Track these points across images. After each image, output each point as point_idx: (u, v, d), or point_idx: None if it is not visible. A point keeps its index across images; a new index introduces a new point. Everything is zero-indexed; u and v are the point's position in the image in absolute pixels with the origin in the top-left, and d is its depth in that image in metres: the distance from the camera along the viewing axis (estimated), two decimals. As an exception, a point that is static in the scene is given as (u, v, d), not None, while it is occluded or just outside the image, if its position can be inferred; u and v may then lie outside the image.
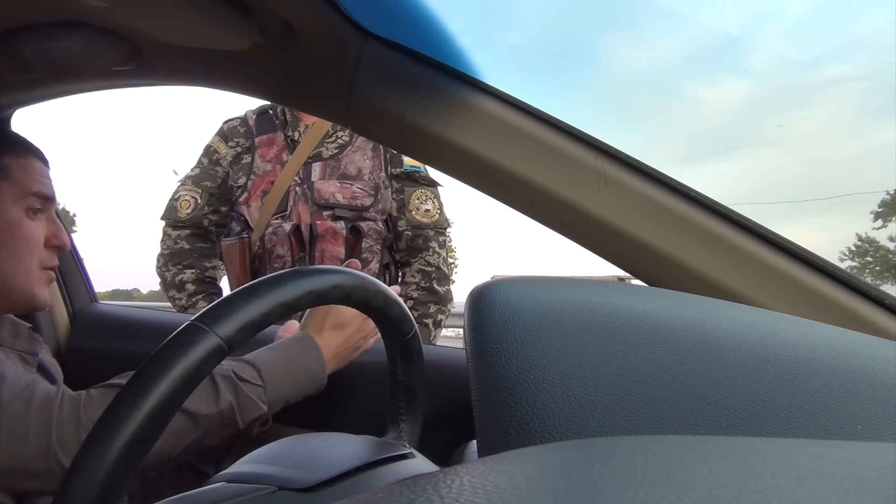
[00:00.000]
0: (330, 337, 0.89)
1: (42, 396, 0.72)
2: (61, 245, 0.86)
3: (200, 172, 1.59)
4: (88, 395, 0.74)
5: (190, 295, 1.57)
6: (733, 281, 0.59)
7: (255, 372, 0.81)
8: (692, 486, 0.17)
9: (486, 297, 0.35)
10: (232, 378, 0.78)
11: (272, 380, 0.81)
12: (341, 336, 0.89)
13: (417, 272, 1.55)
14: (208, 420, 0.75)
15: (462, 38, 0.65)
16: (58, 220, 0.87)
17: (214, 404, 0.76)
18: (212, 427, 0.76)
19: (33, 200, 0.83)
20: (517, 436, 0.30)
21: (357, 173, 1.52)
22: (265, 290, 0.45)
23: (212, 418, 0.75)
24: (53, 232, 0.85)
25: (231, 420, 0.77)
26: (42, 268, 0.84)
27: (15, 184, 0.82)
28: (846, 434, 0.31)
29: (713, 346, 0.34)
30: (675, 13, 0.89)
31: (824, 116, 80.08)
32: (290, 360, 0.85)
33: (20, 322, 0.86)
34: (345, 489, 0.48)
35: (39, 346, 0.87)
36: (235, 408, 0.77)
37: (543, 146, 0.63)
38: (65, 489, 0.37)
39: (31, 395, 0.71)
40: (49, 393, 0.72)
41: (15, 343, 0.83)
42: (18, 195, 0.82)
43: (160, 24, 0.65)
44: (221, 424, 0.76)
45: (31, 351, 0.85)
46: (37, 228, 0.83)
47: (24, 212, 0.82)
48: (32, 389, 0.72)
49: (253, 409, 0.79)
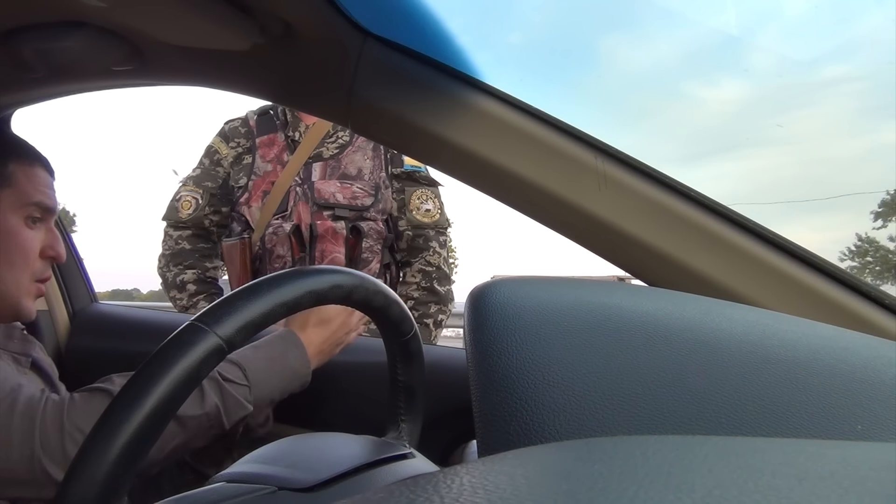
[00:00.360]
0: (314, 334, 0.89)
1: (25, 402, 0.71)
2: (57, 256, 0.85)
3: (201, 173, 1.59)
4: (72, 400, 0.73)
5: (191, 295, 1.57)
6: (733, 281, 0.59)
7: (241, 372, 0.80)
8: (692, 486, 0.17)
9: (486, 297, 0.35)
10: (217, 379, 0.78)
11: (257, 379, 0.81)
12: (325, 332, 0.90)
13: (418, 272, 1.55)
14: (195, 422, 0.75)
15: (462, 38, 0.65)
16: (56, 231, 0.86)
17: (200, 406, 0.75)
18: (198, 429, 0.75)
19: (33, 210, 0.82)
20: (517, 436, 0.30)
21: (357, 173, 1.52)
22: (265, 290, 0.45)
23: (198, 420, 0.75)
24: (50, 242, 0.84)
25: (217, 421, 0.77)
26: (34, 280, 0.83)
27: (17, 192, 0.81)
28: (846, 434, 0.31)
29: (713, 346, 0.34)
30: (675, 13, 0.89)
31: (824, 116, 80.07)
32: (274, 359, 0.84)
33: (15, 324, 0.86)
34: (345, 489, 0.48)
35: (33, 347, 0.87)
36: (221, 409, 0.77)
37: (543, 146, 0.63)
38: (65, 489, 0.37)
39: (15, 401, 0.71)
40: (32, 398, 0.72)
41: (8, 344, 0.83)
42: (19, 203, 0.81)
43: (160, 24, 0.65)
44: (208, 426, 0.76)
45: (24, 352, 0.84)
46: (34, 238, 0.83)
47: (24, 220, 0.82)
48: (16, 395, 0.71)
49: (238, 409, 0.79)
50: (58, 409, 0.71)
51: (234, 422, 0.78)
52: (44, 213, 0.84)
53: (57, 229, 0.87)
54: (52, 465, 0.69)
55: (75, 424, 0.70)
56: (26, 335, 0.87)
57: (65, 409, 0.72)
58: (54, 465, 0.69)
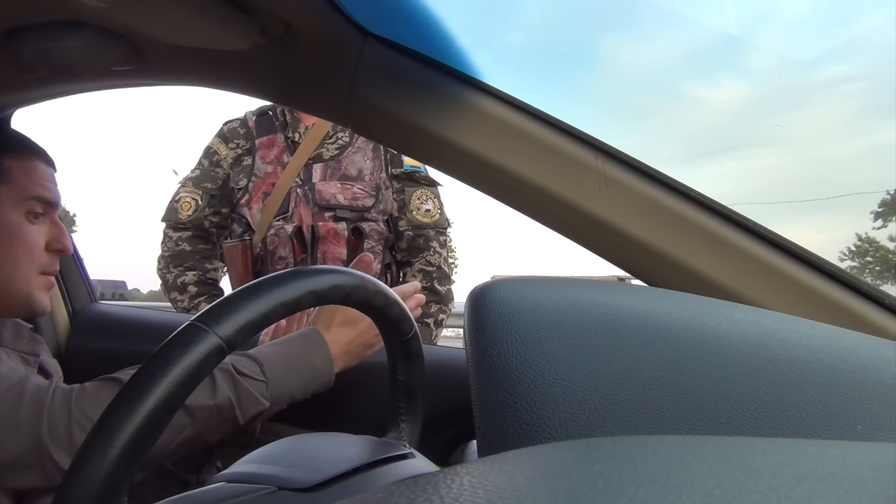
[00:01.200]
0: (339, 333, 0.86)
1: (34, 389, 0.71)
2: (63, 249, 0.85)
3: (201, 174, 1.59)
4: (82, 389, 0.73)
5: (192, 297, 1.57)
6: (733, 281, 0.59)
7: (258, 367, 0.79)
8: (692, 486, 0.17)
9: (486, 297, 0.35)
10: (231, 372, 0.76)
11: (275, 375, 0.79)
12: (351, 333, 0.87)
13: (418, 272, 1.55)
14: (205, 413, 0.74)
15: (462, 38, 0.65)
16: (60, 224, 0.86)
17: (211, 398, 0.74)
18: (209, 422, 0.74)
19: (34, 204, 0.81)
20: (517, 436, 0.30)
21: (358, 174, 1.52)
22: (265, 290, 0.45)
23: (209, 412, 0.74)
24: (55, 235, 0.84)
25: (230, 415, 0.75)
26: (42, 273, 0.83)
27: (15, 187, 0.80)
28: (846, 434, 0.31)
29: (713, 346, 0.34)
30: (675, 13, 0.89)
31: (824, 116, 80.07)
32: (293, 355, 0.82)
33: (22, 323, 0.86)
34: (345, 489, 0.48)
35: (41, 347, 0.87)
36: (234, 403, 0.75)
37: (543, 146, 0.63)
38: (65, 489, 0.37)
39: (24, 388, 0.71)
40: (41, 386, 0.72)
41: (16, 344, 0.83)
42: (18, 199, 0.80)
43: (160, 24, 0.65)
44: (220, 419, 0.75)
45: (33, 352, 0.84)
46: (37, 233, 0.82)
47: (24, 216, 0.81)
48: (25, 383, 0.71)
49: (254, 404, 0.77)
50: (66, 397, 0.71)
51: (250, 417, 0.77)
52: (45, 207, 0.83)
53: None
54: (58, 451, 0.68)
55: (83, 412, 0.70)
56: (35, 335, 0.87)
57: (74, 396, 0.71)
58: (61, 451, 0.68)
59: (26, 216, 0.81)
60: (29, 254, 0.81)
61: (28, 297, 0.81)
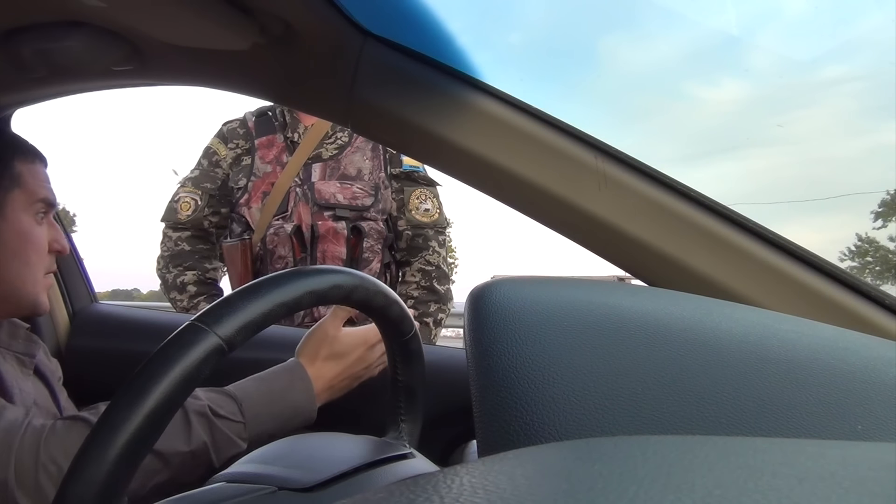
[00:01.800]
0: (325, 368, 0.84)
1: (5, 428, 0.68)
2: (62, 249, 0.85)
3: (200, 174, 1.59)
4: (52, 429, 0.70)
5: (191, 297, 1.57)
6: (733, 281, 0.59)
7: (236, 406, 0.76)
8: (692, 486, 0.17)
9: (486, 297, 0.35)
10: (207, 415, 0.74)
11: (254, 415, 0.77)
12: (337, 367, 0.84)
13: (417, 271, 1.55)
14: (178, 459, 0.71)
15: (462, 38, 0.65)
16: (56, 224, 0.86)
17: (185, 443, 0.71)
18: (183, 467, 0.72)
19: (40, 206, 0.82)
20: (517, 436, 0.30)
21: (357, 174, 1.52)
22: (265, 290, 0.45)
23: (182, 458, 0.71)
24: (54, 236, 0.84)
25: (205, 459, 0.73)
26: (45, 273, 0.83)
27: (26, 191, 0.81)
28: (846, 434, 0.31)
29: (713, 346, 0.34)
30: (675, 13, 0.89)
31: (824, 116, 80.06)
32: (275, 392, 0.80)
33: (19, 323, 0.86)
34: (345, 489, 0.48)
35: (37, 347, 0.87)
36: (210, 446, 0.73)
37: (543, 146, 0.63)
38: (64, 489, 0.37)
39: None
40: (14, 423, 0.69)
41: (12, 344, 0.82)
42: (28, 202, 0.81)
43: (160, 24, 0.65)
44: (194, 464, 0.72)
45: (29, 353, 0.84)
46: (44, 234, 0.83)
47: (33, 218, 0.81)
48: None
49: (230, 446, 0.74)
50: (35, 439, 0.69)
51: (225, 460, 0.74)
52: (47, 208, 0.84)
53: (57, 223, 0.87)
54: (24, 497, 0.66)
55: (51, 456, 0.68)
56: (31, 335, 0.86)
57: (42, 439, 0.69)
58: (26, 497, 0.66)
59: (35, 218, 0.82)
60: (39, 255, 0.82)
61: (35, 298, 0.82)
